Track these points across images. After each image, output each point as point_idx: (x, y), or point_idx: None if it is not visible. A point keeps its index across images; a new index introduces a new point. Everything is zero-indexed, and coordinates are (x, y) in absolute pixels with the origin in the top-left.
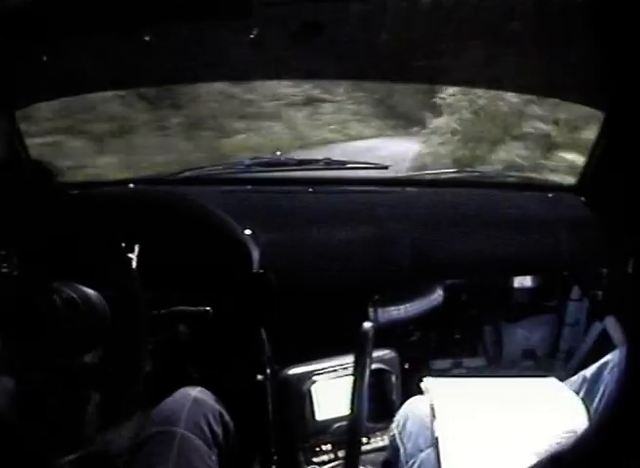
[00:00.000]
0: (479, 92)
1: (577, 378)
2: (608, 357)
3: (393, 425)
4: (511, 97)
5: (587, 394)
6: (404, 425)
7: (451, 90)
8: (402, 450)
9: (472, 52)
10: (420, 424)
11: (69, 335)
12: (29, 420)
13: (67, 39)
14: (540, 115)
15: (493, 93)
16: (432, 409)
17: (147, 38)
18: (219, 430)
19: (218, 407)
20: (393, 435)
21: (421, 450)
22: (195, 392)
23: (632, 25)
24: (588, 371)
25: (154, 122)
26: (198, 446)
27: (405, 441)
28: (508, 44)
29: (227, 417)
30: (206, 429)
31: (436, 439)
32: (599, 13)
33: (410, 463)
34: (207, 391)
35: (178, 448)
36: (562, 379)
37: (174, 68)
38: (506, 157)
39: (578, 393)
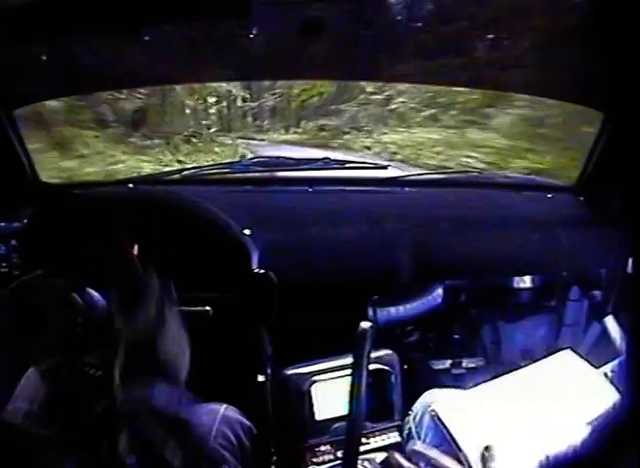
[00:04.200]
0: None
1: None
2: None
3: (409, 418)
4: None
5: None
6: (421, 419)
7: None
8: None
9: (472, 52)
10: (436, 421)
11: (70, 335)
12: (31, 420)
13: (67, 39)
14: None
15: None
16: (441, 422)
17: (147, 38)
18: (248, 444)
19: (247, 422)
20: (409, 428)
21: (439, 445)
22: (223, 409)
23: (632, 25)
24: (608, 368)
25: None
26: (228, 459)
27: (422, 435)
28: (508, 44)
29: (255, 431)
30: (235, 443)
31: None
32: (599, 13)
33: None
34: (234, 408)
35: (207, 461)
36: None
37: (174, 68)
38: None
39: None
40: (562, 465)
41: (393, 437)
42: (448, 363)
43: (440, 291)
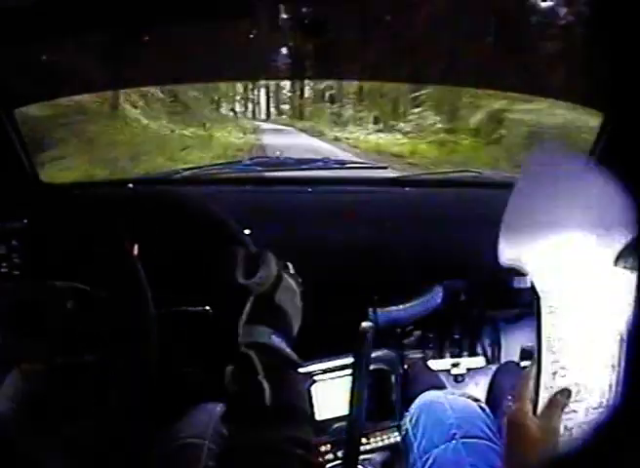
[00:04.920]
0: None
1: None
2: None
3: (406, 419)
4: None
5: None
6: (417, 420)
7: None
8: (415, 446)
9: (472, 52)
10: (434, 419)
11: (70, 335)
12: (31, 420)
13: (67, 39)
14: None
15: None
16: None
17: (147, 38)
18: None
19: None
20: (406, 429)
21: (436, 446)
22: (219, 407)
23: (632, 26)
24: None
25: None
26: None
27: (418, 436)
28: (508, 44)
29: None
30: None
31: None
32: (599, 13)
33: (424, 459)
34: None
35: (205, 460)
36: None
37: (174, 68)
38: None
39: None
40: None
41: (393, 437)
42: (448, 363)
43: (440, 291)
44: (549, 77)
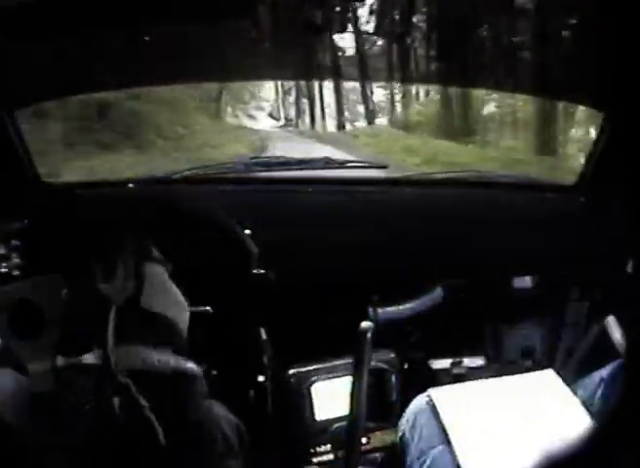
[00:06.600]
0: None
1: (593, 378)
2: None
3: (403, 421)
4: None
5: (604, 394)
6: (414, 421)
7: None
8: (412, 447)
9: (473, 53)
10: (430, 420)
11: (70, 335)
12: (29, 419)
13: (67, 39)
14: None
15: None
16: (440, 419)
17: (147, 38)
18: (235, 440)
19: (234, 418)
20: (403, 430)
21: (433, 447)
22: (207, 404)
23: (632, 25)
24: (605, 371)
25: None
26: (213, 453)
27: (415, 437)
28: (508, 44)
29: (243, 427)
30: (220, 439)
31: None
32: (600, 13)
33: (421, 460)
34: (219, 403)
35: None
36: (561, 379)
37: (173, 68)
38: None
39: (594, 394)
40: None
41: (393, 437)
42: (448, 362)
43: (440, 290)
44: (550, 77)
